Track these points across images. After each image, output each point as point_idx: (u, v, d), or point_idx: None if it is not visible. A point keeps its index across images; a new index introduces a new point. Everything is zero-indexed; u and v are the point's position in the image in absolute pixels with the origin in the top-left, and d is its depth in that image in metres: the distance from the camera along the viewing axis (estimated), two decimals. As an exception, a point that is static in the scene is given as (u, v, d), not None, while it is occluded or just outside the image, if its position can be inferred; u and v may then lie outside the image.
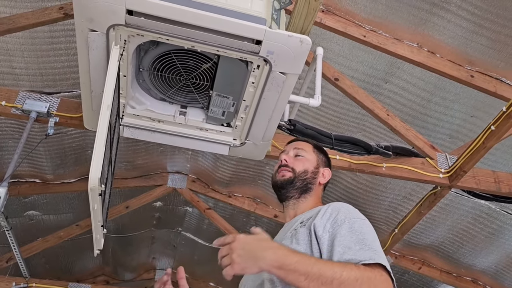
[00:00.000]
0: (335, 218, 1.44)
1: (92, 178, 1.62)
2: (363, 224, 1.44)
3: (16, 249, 4.01)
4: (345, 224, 1.41)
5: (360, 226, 1.42)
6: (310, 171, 1.78)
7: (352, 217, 1.44)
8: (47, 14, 2.77)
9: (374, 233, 1.44)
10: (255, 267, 1.28)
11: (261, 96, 2.05)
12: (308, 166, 1.79)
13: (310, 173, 1.77)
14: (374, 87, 3.37)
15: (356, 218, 1.45)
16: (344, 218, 1.43)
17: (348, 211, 1.48)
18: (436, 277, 4.57)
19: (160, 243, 6.29)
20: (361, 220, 1.45)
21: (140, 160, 4.52)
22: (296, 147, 1.84)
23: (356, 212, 1.49)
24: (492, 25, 2.81)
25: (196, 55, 1.99)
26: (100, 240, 1.93)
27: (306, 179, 1.75)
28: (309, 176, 1.76)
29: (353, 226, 1.41)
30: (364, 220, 1.46)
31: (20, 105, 2.84)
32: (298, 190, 1.74)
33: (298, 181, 1.75)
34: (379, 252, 1.35)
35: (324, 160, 1.86)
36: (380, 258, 1.31)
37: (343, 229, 1.39)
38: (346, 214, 1.45)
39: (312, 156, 1.83)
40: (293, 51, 1.85)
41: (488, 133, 2.71)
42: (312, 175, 1.77)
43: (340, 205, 1.51)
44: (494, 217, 3.93)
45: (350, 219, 1.43)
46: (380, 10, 2.91)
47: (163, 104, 2.26)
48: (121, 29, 1.83)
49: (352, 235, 1.38)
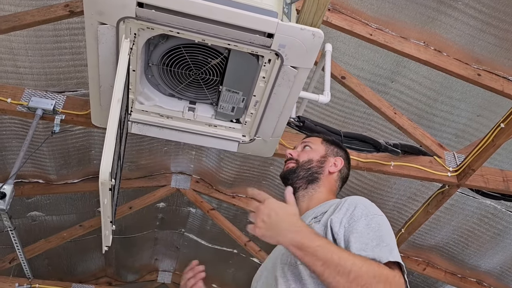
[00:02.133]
0: (352, 213, 1.41)
1: (103, 172, 1.59)
2: (381, 221, 1.41)
3: (19, 249, 3.99)
4: (362, 220, 1.38)
5: (377, 222, 1.39)
6: (316, 159, 1.74)
7: (370, 213, 1.41)
8: (53, 12, 2.76)
9: (391, 230, 1.41)
10: (274, 239, 1.28)
11: (271, 91, 2.04)
12: (313, 156, 1.75)
13: (316, 161, 1.74)
14: (380, 86, 3.36)
15: (374, 214, 1.42)
16: (361, 214, 1.40)
17: (365, 206, 1.45)
18: (441, 278, 4.55)
19: (163, 244, 6.27)
20: (379, 217, 1.42)
21: (143, 161, 4.51)
22: (304, 142, 1.82)
23: (374, 208, 1.46)
24: (500, 23, 2.80)
25: (206, 50, 1.98)
26: (109, 236, 1.90)
27: (311, 168, 1.72)
28: (314, 165, 1.73)
29: (371, 222, 1.38)
30: (381, 216, 1.43)
31: (26, 102, 2.83)
32: (304, 179, 1.71)
33: (301, 170, 1.71)
34: (396, 250, 1.32)
35: (336, 151, 1.81)
36: (398, 257, 1.29)
37: (360, 225, 1.37)
38: (363, 209, 1.42)
39: (319, 147, 1.79)
40: (306, 44, 1.83)
41: (498, 131, 2.70)
42: (318, 164, 1.73)
43: (358, 199, 1.48)
44: (499, 217, 3.91)
45: (367, 215, 1.40)
46: (387, 8, 2.90)
47: (172, 100, 2.24)
48: (131, 22, 1.82)
49: (370, 231, 1.35)
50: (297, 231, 1.27)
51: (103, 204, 1.69)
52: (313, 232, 1.29)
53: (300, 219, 1.33)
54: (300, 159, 1.75)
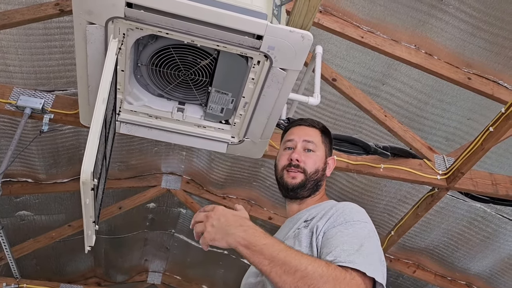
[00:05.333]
0: (335, 218, 1.40)
1: (84, 171, 1.58)
2: (362, 228, 1.37)
3: (7, 249, 3.96)
4: (342, 225, 1.36)
5: (356, 229, 1.35)
6: (321, 168, 1.68)
7: (352, 220, 1.38)
8: (43, 10, 2.75)
9: (373, 238, 1.36)
10: (224, 241, 1.27)
11: (260, 93, 2.03)
12: (319, 165, 1.68)
13: (321, 171, 1.68)
14: (371, 89, 3.36)
15: (356, 221, 1.38)
16: (343, 220, 1.38)
17: (350, 212, 1.41)
18: (431, 280, 4.56)
19: (153, 245, 6.24)
20: (361, 223, 1.38)
21: (134, 161, 4.49)
22: (306, 140, 1.70)
23: (360, 215, 1.42)
24: (490, 27, 2.82)
25: (195, 50, 1.97)
26: (91, 236, 1.89)
27: (317, 179, 1.66)
28: (319, 175, 1.67)
29: (349, 228, 1.35)
30: (365, 223, 1.39)
31: (15, 101, 2.81)
32: (309, 191, 1.65)
33: (309, 182, 1.64)
34: (368, 258, 1.27)
35: (330, 147, 1.76)
36: (364, 265, 1.23)
37: (339, 229, 1.35)
38: (347, 216, 1.39)
39: (321, 149, 1.71)
40: (294, 46, 1.82)
41: (487, 134, 2.70)
42: (322, 173, 1.68)
43: (345, 207, 1.45)
44: (489, 220, 3.93)
45: (348, 221, 1.37)
46: (378, 11, 2.91)
47: (161, 100, 2.23)
48: (120, 22, 1.80)
49: (344, 235, 1.32)
50: (244, 230, 1.26)
51: (85, 204, 1.68)
52: (261, 231, 1.28)
53: (248, 220, 1.33)
54: (308, 169, 1.65)
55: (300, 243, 1.40)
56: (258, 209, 4.71)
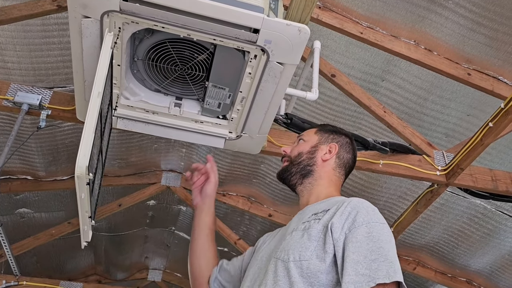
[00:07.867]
0: (354, 218, 1.36)
1: (79, 165, 1.58)
2: (382, 230, 1.35)
3: (7, 246, 3.96)
4: (363, 228, 1.33)
5: (378, 232, 1.33)
6: (305, 151, 1.68)
7: (371, 221, 1.35)
8: (40, 6, 2.73)
9: (392, 239, 1.36)
10: None
11: (258, 88, 2.01)
12: (303, 148, 1.70)
13: (305, 153, 1.68)
14: (371, 85, 3.35)
15: (375, 222, 1.36)
16: (363, 221, 1.35)
17: (367, 212, 1.38)
18: (431, 277, 4.55)
19: (153, 242, 6.24)
20: (380, 225, 1.36)
21: (133, 158, 4.48)
22: (299, 136, 1.77)
23: (376, 215, 1.40)
24: (490, 23, 2.80)
25: (192, 45, 1.96)
26: (88, 231, 1.88)
27: (302, 162, 1.66)
28: (304, 157, 1.67)
29: (371, 231, 1.33)
30: (383, 224, 1.38)
31: (12, 97, 2.79)
32: (297, 175, 1.66)
33: (293, 166, 1.67)
34: (395, 263, 1.28)
35: (332, 137, 1.73)
36: (396, 272, 1.25)
37: (360, 233, 1.32)
38: (365, 216, 1.36)
39: (312, 138, 1.73)
40: (291, 40, 1.81)
41: (486, 130, 2.69)
42: (308, 155, 1.67)
43: (360, 204, 1.42)
44: (489, 217, 3.91)
45: (368, 222, 1.35)
46: (378, 6, 2.89)
47: (158, 95, 2.22)
48: (115, 15, 1.79)
49: (369, 241, 1.30)
50: None
51: (80, 198, 1.67)
52: None
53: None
54: (292, 155, 1.70)
55: (310, 237, 1.37)
56: (258, 206, 4.70)
